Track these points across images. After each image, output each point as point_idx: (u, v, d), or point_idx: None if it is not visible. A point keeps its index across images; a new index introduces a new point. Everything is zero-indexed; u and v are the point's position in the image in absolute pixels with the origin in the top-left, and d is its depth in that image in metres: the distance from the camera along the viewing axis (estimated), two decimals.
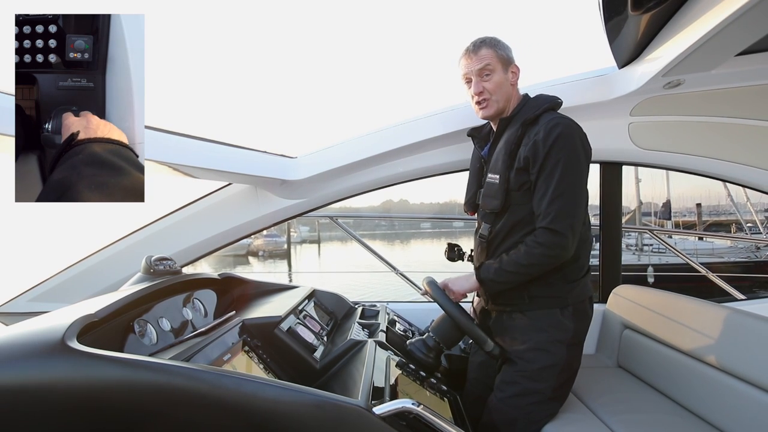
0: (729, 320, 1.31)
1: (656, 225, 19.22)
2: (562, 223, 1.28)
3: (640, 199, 20.07)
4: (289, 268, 21.97)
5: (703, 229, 20.68)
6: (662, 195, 20.25)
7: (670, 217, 19.70)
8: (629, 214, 20.74)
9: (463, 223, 2.66)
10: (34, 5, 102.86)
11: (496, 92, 1.43)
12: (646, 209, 24.87)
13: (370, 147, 1.93)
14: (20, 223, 1.98)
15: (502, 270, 1.33)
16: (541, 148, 1.30)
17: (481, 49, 1.42)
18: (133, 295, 1.12)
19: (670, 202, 19.90)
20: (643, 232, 14.47)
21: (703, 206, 20.69)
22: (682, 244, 15.26)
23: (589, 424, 1.34)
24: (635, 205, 18.93)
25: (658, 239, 3.11)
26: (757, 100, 1.84)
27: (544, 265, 1.31)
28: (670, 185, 19.79)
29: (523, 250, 1.31)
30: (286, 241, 26.55)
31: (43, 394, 0.81)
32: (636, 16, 1.34)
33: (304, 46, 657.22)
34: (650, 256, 14.54)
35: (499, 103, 1.44)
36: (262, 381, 0.88)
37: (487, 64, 1.41)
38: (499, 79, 1.42)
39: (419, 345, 1.39)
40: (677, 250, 3.23)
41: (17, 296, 1.97)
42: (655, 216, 20.18)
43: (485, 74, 1.42)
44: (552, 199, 1.29)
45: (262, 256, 25.32)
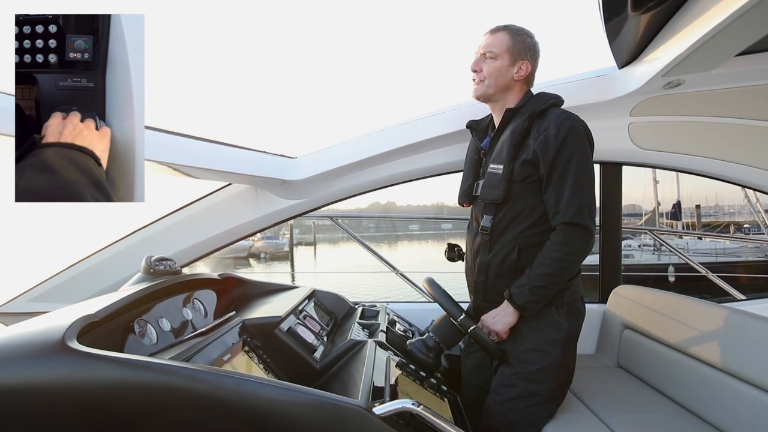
0: (729, 320, 1.31)
1: (667, 225, 19.30)
2: (585, 217, 1.28)
3: (658, 200, 20.16)
4: (292, 269, 22.00)
5: (720, 229, 20.74)
6: (672, 196, 20.34)
7: (680, 217, 19.73)
8: (647, 215, 20.74)
9: (452, 225, 2.67)
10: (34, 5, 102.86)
11: (490, 77, 1.43)
12: (634, 211, 24.92)
13: (370, 147, 1.93)
14: (20, 223, 1.98)
15: (536, 287, 1.30)
16: (552, 142, 1.30)
17: (499, 32, 1.44)
18: (133, 295, 1.12)
19: (681, 203, 19.93)
20: (644, 232, 14.54)
21: (719, 207, 20.66)
22: (703, 245, 15.46)
23: (589, 424, 1.34)
24: (653, 206, 18.99)
25: (659, 240, 3.11)
26: (757, 100, 1.84)
27: (575, 264, 1.32)
28: (680, 186, 19.84)
29: (550, 258, 1.29)
30: (289, 242, 26.62)
31: (43, 394, 0.80)
32: (636, 16, 1.34)
33: (305, 45, 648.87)
34: (670, 255, 14.72)
35: (488, 89, 1.44)
36: (262, 381, 0.88)
37: (493, 49, 1.42)
38: (500, 66, 1.42)
39: (419, 345, 1.39)
40: (677, 250, 3.24)
41: (17, 296, 1.97)
42: (665, 217, 20.22)
43: (488, 56, 1.43)
44: (572, 194, 1.29)
45: (264, 258, 25.42)
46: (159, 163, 1.46)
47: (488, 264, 1.43)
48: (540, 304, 1.33)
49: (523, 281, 1.32)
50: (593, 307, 1.92)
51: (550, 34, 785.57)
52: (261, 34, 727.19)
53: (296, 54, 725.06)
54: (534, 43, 1.44)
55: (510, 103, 1.46)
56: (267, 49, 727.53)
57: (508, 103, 1.46)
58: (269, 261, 25.25)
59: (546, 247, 1.32)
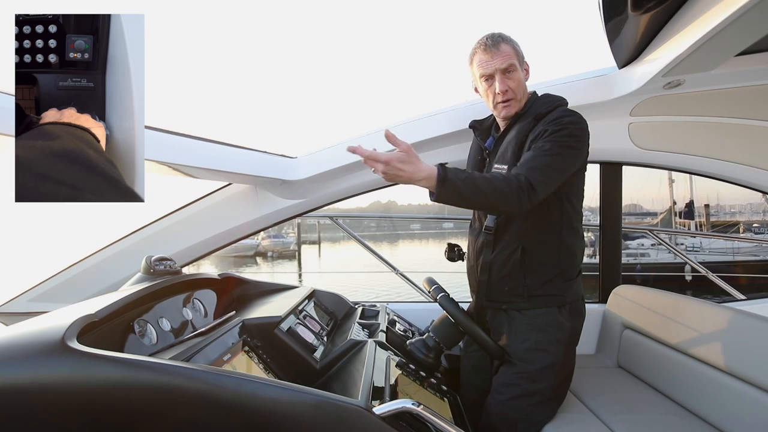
0: (729, 320, 1.31)
1: (681, 225, 19.32)
2: (541, 185, 1.19)
3: (674, 199, 20.12)
4: (299, 268, 21.99)
5: (733, 229, 20.76)
6: (677, 196, 20.36)
7: (694, 216, 19.71)
8: (662, 214, 20.69)
9: (453, 225, 2.67)
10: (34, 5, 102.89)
11: (518, 91, 1.40)
12: (651, 209, 24.80)
13: (370, 147, 1.93)
14: (20, 223, 1.98)
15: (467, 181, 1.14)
16: (549, 126, 1.30)
17: (501, 44, 1.37)
18: (133, 295, 1.12)
19: (693, 203, 19.90)
20: (644, 231, 14.59)
21: (720, 206, 20.65)
22: (718, 243, 15.54)
23: (589, 424, 1.34)
24: (668, 206, 18.93)
25: (659, 239, 3.12)
26: (757, 100, 1.84)
27: (503, 206, 1.18)
28: (693, 185, 19.83)
29: (501, 180, 1.18)
30: (297, 241, 26.66)
31: (43, 394, 0.81)
32: (636, 16, 1.34)
33: (305, 45, 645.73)
34: (686, 254, 14.83)
35: (521, 102, 1.42)
36: (262, 381, 0.88)
37: (512, 62, 1.38)
38: (520, 77, 1.41)
39: (419, 345, 1.39)
40: (677, 250, 3.24)
41: (17, 296, 1.97)
42: (679, 216, 20.23)
43: (510, 71, 1.38)
44: (542, 155, 1.23)
45: (271, 257, 25.47)
46: (159, 163, 1.46)
47: (491, 263, 1.43)
48: (456, 197, 1.14)
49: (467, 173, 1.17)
50: (593, 307, 1.92)
51: (550, 34, 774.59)
52: (261, 33, 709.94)
53: (296, 54, 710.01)
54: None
55: None
56: (267, 49, 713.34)
57: None
58: (276, 260, 25.36)
59: (509, 175, 1.21)
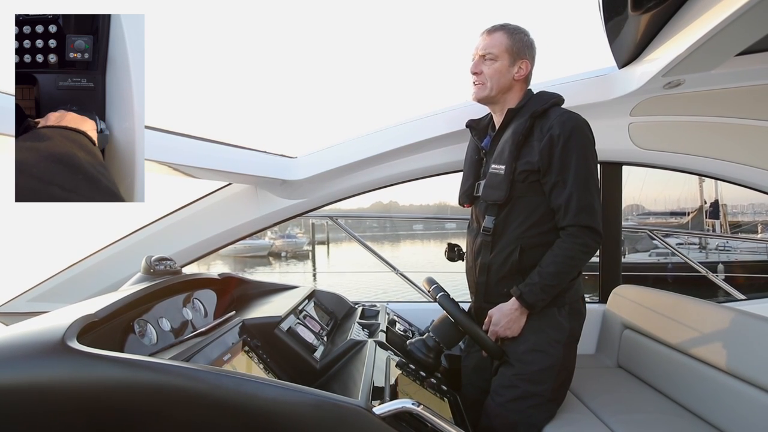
0: (729, 320, 1.31)
1: (708, 224, 19.35)
2: (596, 218, 1.31)
3: (704, 198, 20.07)
4: (314, 268, 21.97)
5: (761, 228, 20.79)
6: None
7: (718, 216, 19.66)
8: (693, 212, 20.58)
9: (456, 225, 2.66)
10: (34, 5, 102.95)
11: (492, 79, 1.42)
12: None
13: (370, 147, 1.93)
14: (20, 223, 1.98)
15: (548, 286, 1.31)
16: (557, 143, 1.31)
17: (496, 32, 1.42)
18: (133, 295, 1.12)
19: (718, 202, 19.83)
20: (643, 232, 14.55)
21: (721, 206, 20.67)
22: (745, 243, 15.69)
23: (589, 424, 1.34)
24: (698, 204, 18.87)
25: (659, 239, 3.12)
26: (757, 100, 1.84)
27: (583, 263, 1.34)
28: (719, 185, 19.77)
29: (563, 257, 1.30)
30: (311, 241, 26.64)
31: (43, 394, 0.81)
32: (636, 16, 1.34)
33: (305, 45, 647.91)
34: (719, 253, 14.86)
35: (491, 91, 1.43)
36: (262, 381, 0.88)
37: (493, 50, 1.41)
38: (501, 67, 1.41)
39: (419, 345, 1.39)
40: (677, 250, 3.24)
41: (17, 296, 1.97)
42: (705, 216, 20.19)
43: (488, 58, 1.42)
44: (581, 196, 1.30)
45: (285, 257, 25.52)
46: (159, 163, 1.46)
47: (489, 265, 1.43)
48: (546, 302, 1.34)
49: (534, 279, 1.32)
50: (593, 307, 1.92)
51: (550, 34, 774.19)
52: (261, 33, 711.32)
53: (296, 54, 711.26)
54: (531, 40, 1.44)
55: (511, 103, 1.45)
56: (267, 48, 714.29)
57: (508, 104, 1.45)
58: (290, 259, 25.52)
59: (558, 245, 1.32)
